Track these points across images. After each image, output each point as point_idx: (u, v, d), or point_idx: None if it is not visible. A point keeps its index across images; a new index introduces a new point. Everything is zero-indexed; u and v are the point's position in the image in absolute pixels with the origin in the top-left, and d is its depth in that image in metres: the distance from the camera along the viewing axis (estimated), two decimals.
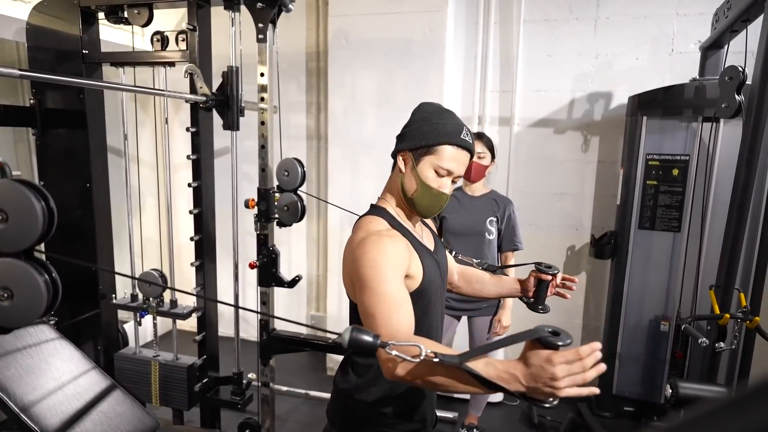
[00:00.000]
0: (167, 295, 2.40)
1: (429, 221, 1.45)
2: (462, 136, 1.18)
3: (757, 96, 1.72)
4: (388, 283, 1.05)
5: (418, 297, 1.18)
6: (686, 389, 1.43)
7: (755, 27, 1.85)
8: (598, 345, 0.82)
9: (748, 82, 1.78)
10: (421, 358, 0.87)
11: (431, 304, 1.24)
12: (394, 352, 0.88)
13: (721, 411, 0.27)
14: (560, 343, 0.80)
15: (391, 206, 1.26)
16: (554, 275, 1.42)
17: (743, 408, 0.25)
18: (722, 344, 1.90)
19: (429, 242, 1.31)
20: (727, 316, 1.87)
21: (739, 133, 1.87)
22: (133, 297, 2.44)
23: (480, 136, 2.41)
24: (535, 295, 1.44)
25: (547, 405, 0.84)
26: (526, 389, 0.83)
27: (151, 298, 2.35)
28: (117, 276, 2.72)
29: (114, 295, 2.49)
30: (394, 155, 1.26)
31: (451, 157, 1.18)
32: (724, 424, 0.26)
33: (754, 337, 2.56)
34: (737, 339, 2.10)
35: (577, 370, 0.79)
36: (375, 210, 1.26)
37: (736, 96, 1.83)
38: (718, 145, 2.54)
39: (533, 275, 1.45)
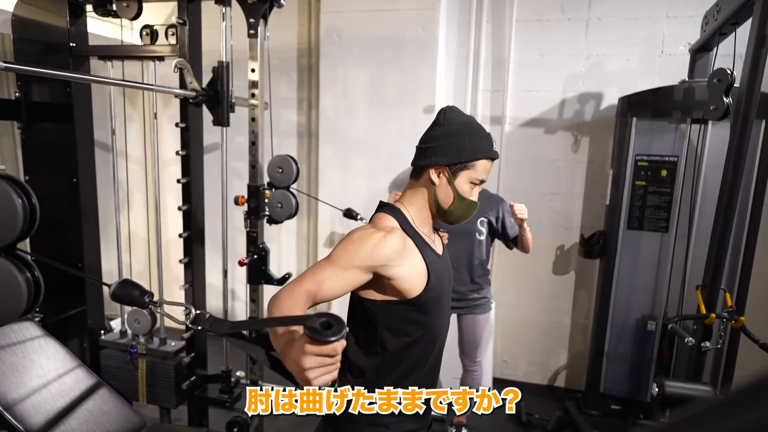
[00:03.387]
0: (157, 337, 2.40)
1: None
2: (494, 149, 1.24)
3: (744, 99, 1.74)
4: (341, 263, 1.11)
5: (424, 301, 1.19)
6: (672, 388, 1.45)
7: (744, 30, 1.87)
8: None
9: (737, 84, 1.80)
10: (187, 322, 0.92)
11: (438, 307, 1.25)
12: (157, 309, 0.93)
13: (709, 413, 0.27)
14: (317, 338, 0.77)
15: (408, 212, 1.26)
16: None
17: (732, 409, 0.25)
18: (708, 344, 1.93)
19: (439, 248, 1.33)
20: (713, 315, 1.89)
21: (726, 135, 1.89)
22: (122, 333, 2.42)
23: None
24: None
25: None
26: (291, 371, 0.83)
27: (140, 335, 2.34)
28: (103, 271, 2.68)
29: (103, 332, 2.48)
30: (421, 167, 1.25)
31: (485, 169, 1.23)
32: (713, 425, 0.26)
33: (738, 337, 2.60)
34: (722, 338, 2.12)
35: (329, 363, 0.80)
36: (390, 209, 1.26)
37: (725, 98, 1.85)
38: (706, 146, 2.57)
39: None
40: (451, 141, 1.20)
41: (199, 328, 0.86)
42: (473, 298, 2.49)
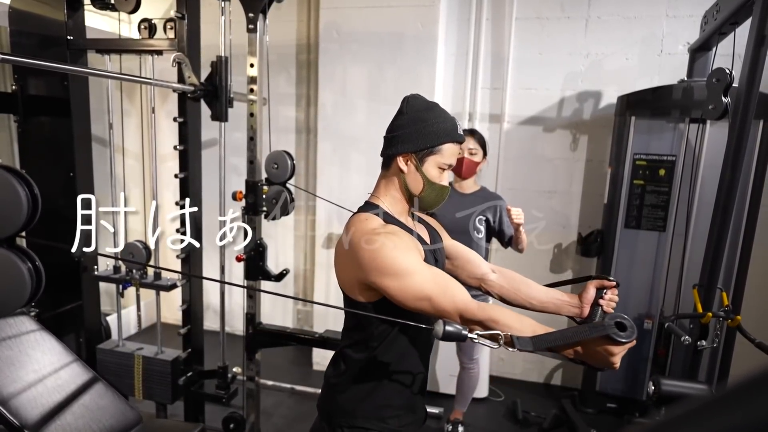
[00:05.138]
0: (150, 268, 2.35)
1: (424, 216, 1.45)
2: (459, 132, 1.23)
3: (743, 98, 1.74)
4: (420, 268, 1.10)
5: None
6: (668, 386, 1.45)
7: (743, 30, 1.88)
8: None
9: (735, 84, 1.81)
10: (501, 344, 0.96)
11: None
12: (477, 339, 0.97)
13: (704, 409, 0.27)
14: (623, 340, 0.88)
15: (384, 204, 1.27)
16: (617, 284, 1.29)
17: (726, 406, 0.25)
18: (704, 342, 1.93)
19: (424, 236, 1.33)
20: (710, 314, 1.90)
21: (724, 135, 1.90)
22: (116, 269, 2.40)
23: (472, 133, 2.41)
24: (591, 311, 1.28)
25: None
26: (583, 358, 0.96)
27: (134, 270, 2.30)
28: (100, 261, 2.67)
29: (96, 267, 2.43)
30: (390, 156, 1.25)
31: (452, 153, 1.23)
32: (707, 422, 0.26)
33: (734, 336, 2.62)
34: (718, 337, 2.14)
35: None
36: (368, 207, 1.26)
37: (723, 98, 1.85)
38: (704, 146, 2.58)
39: (594, 285, 1.32)
40: (416, 128, 1.21)
41: (510, 350, 0.95)
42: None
